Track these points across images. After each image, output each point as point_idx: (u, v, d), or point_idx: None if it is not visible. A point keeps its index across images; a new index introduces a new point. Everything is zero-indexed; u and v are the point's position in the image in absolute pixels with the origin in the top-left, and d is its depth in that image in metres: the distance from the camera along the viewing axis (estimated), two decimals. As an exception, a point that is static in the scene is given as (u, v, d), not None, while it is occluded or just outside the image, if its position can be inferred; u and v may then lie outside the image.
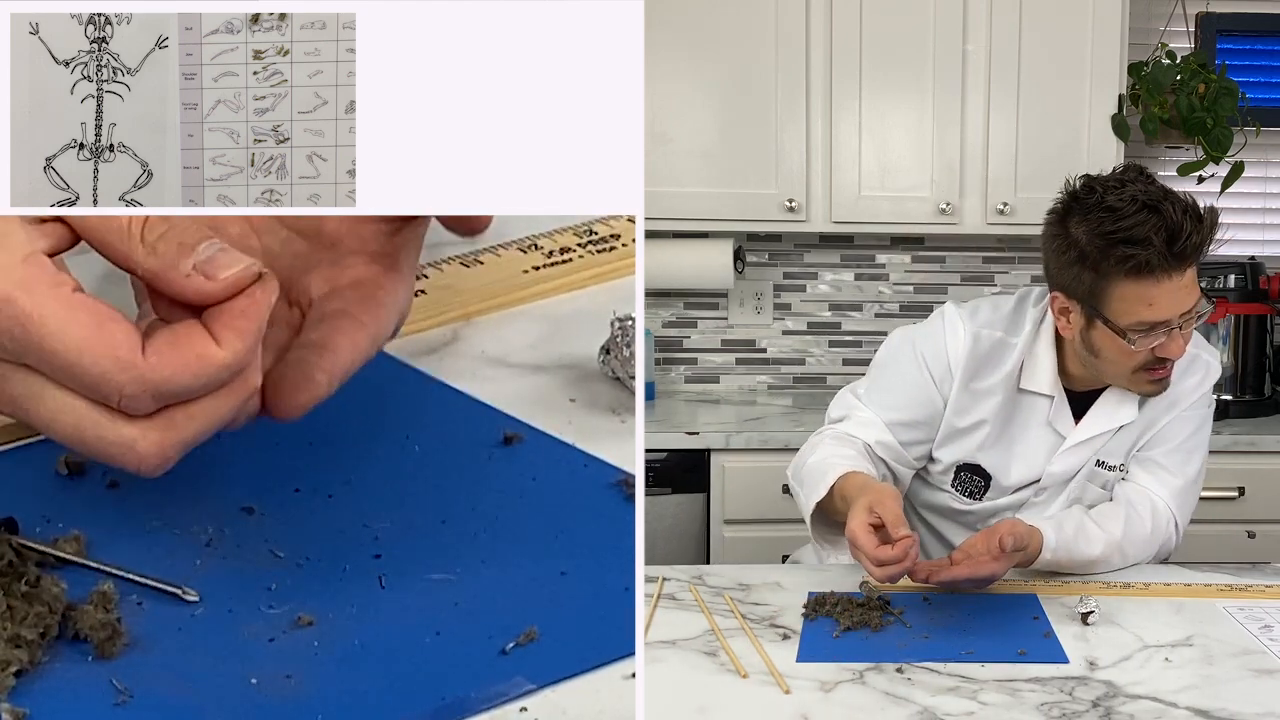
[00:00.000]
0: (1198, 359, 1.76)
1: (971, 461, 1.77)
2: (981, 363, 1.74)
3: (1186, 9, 3.13)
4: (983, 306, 1.79)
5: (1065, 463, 1.74)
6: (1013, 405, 1.74)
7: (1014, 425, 1.75)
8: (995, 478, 1.76)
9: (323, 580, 0.86)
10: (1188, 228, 1.55)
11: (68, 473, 0.94)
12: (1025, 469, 1.75)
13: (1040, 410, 1.74)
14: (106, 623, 0.81)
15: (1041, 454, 1.75)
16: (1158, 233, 1.54)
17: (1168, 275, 1.57)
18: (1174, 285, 1.58)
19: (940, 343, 1.76)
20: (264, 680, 0.79)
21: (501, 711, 0.78)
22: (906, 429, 1.76)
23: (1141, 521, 1.69)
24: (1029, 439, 1.75)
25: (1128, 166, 1.64)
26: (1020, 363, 1.73)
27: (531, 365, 1.08)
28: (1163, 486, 1.73)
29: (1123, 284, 1.58)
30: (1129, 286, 1.58)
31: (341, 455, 0.96)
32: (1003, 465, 1.76)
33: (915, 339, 1.79)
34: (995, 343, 1.74)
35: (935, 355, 1.75)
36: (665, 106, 2.92)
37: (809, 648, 1.41)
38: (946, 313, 1.78)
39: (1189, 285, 1.59)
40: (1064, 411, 1.74)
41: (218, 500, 0.92)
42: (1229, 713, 1.24)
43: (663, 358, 3.31)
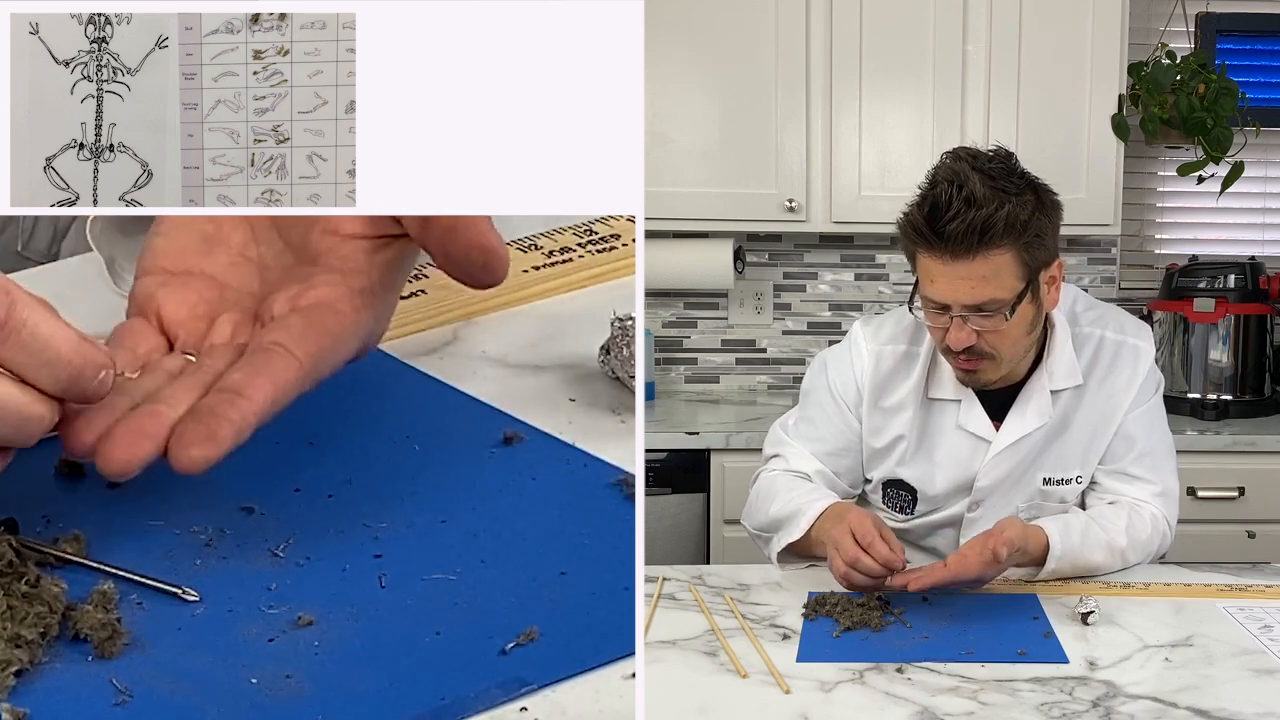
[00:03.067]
0: (1123, 346, 1.73)
1: (894, 477, 1.77)
2: (886, 380, 1.75)
3: (1186, 9, 3.13)
4: (887, 321, 1.80)
5: (995, 472, 1.72)
6: (925, 415, 1.74)
7: (930, 435, 1.74)
8: (920, 490, 1.76)
9: (323, 580, 0.86)
10: (953, 210, 1.54)
11: (68, 473, 0.94)
12: (949, 478, 1.74)
13: (951, 415, 1.73)
14: (106, 623, 0.81)
15: (964, 460, 1.73)
16: (923, 204, 1.57)
17: (939, 256, 1.57)
18: (950, 270, 1.57)
19: (847, 367, 1.78)
20: (264, 680, 0.79)
21: (501, 711, 0.78)
22: (834, 458, 1.79)
23: (1143, 524, 1.68)
24: (947, 446, 1.74)
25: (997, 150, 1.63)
26: (926, 372, 1.73)
27: (531, 365, 1.08)
28: (1145, 492, 1.71)
29: (918, 250, 1.61)
30: (920, 254, 1.61)
31: (341, 455, 0.96)
32: (926, 477, 1.75)
33: (827, 366, 1.82)
34: (899, 357, 1.75)
35: (844, 382, 1.78)
36: (665, 106, 2.92)
37: (809, 648, 1.41)
38: (853, 334, 1.81)
39: (974, 279, 1.57)
40: (975, 412, 1.72)
41: (218, 500, 0.92)
42: (1229, 713, 1.24)
43: (663, 358, 3.31)
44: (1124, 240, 3.25)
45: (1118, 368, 1.72)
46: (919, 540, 1.80)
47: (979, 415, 1.72)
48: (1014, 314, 1.59)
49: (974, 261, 1.56)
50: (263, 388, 0.86)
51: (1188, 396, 3.00)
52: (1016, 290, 1.58)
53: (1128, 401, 1.72)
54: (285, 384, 0.87)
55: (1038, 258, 1.60)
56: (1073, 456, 1.73)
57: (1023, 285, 1.59)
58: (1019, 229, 1.56)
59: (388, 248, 0.95)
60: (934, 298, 1.61)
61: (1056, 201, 1.64)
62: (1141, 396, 1.73)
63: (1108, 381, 1.72)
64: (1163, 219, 3.34)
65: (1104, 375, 1.72)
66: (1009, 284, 1.58)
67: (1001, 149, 1.63)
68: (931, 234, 1.56)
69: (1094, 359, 1.72)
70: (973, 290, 1.58)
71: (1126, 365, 1.72)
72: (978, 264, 1.56)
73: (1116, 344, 1.73)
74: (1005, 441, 1.71)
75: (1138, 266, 3.31)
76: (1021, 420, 1.71)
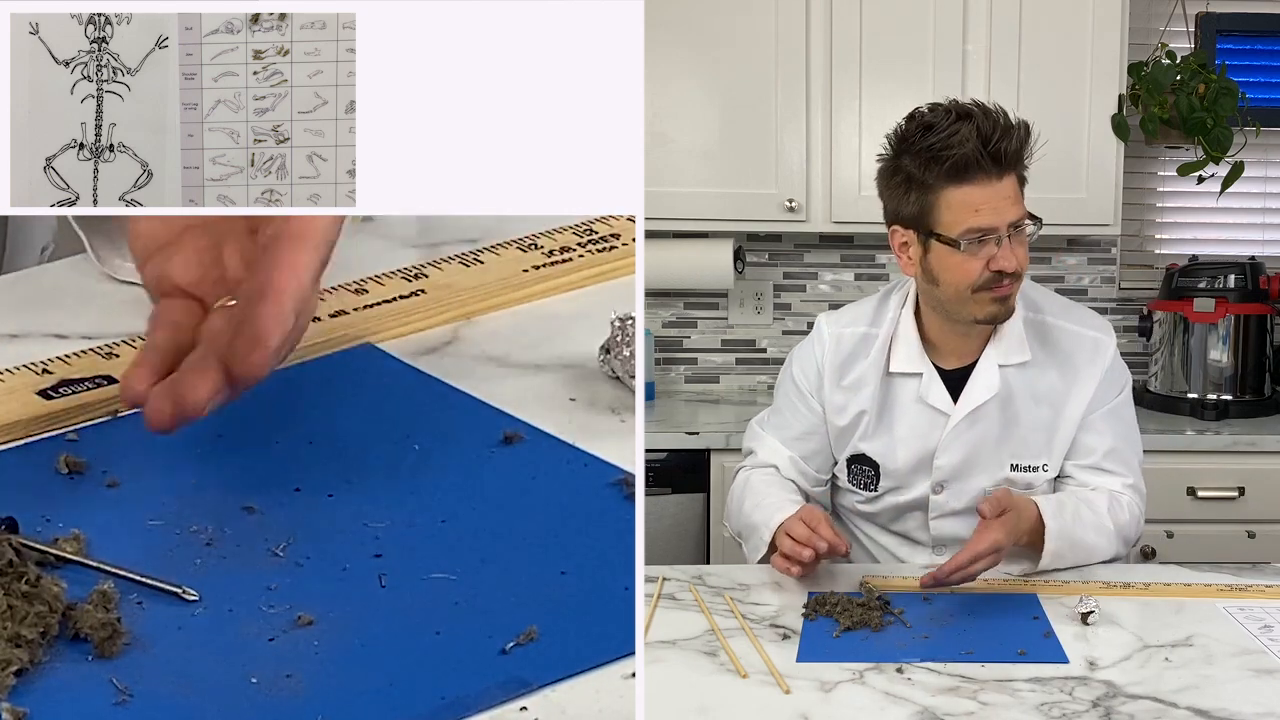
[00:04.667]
0: (1081, 337, 1.76)
1: (857, 452, 1.80)
2: (846, 359, 1.80)
3: (1186, 9, 3.12)
4: (849, 308, 1.87)
5: (954, 447, 1.74)
6: (886, 390, 1.77)
7: (892, 409, 1.78)
8: (882, 464, 1.78)
9: (323, 580, 0.86)
10: (999, 132, 1.63)
11: (68, 472, 0.94)
12: (910, 452, 1.76)
13: (911, 389, 1.76)
14: (106, 622, 0.81)
15: (924, 433, 1.76)
16: (971, 135, 1.62)
17: (987, 179, 1.63)
18: (995, 192, 1.64)
19: (809, 354, 1.84)
20: (264, 680, 0.79)
21: (501, 711, 0.78)
22: (800, 443, 1.84)
23: (1121, 510, 1.71)
24: (908, 420, 1.77)
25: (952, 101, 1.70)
26: (887, 348, 1.77)
27: (531, 365, 1.08)
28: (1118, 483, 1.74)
29: (948, 192, 1.64)
30: (954, 193, 1.64)
31: (341, 455, 0.96)
32: (887, 450, 1.78)
33: (793, 357, 1.89)
34: (859, 338, 1.80)
35: (806, 369, 1.84)
36: (665, 106, 2.92)
37: (809, 648, 1.41)
38: (817, 322, 1.87)
39: (1012, 196, 1.65)
40: (935, 386, 1.75)
41: (218, 500, 0.92)
42: (1229, 713, 1.24)
43: (663, 358, 3.31)
44: (1124, 240, 3.25)
45: (1077, 354, 1.75)
46: (888, 524, 1.83)
47: (939, 388, 1.75)
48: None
49: (1004, 180, 1.64)
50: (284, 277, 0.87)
51: (1188, 396, 2.99)
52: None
53: (1089, 394, 1.74)
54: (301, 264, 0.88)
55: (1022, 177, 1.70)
56: (1036, 441, 1.74)
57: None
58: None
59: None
60: (982, 224, 1.64)
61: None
62: (1105, 395, 1.75)
63: (1067, 370, 1.74)
64: (1163, 219, 3.33)
65: (1060, 357, 1.75)
66: (1022, 198, 1.67)
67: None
68: (986, 157, 1.62)
69: (1047, 341, 1.76)
70: (1013, 207, 1.65)
71: (1085, 352, 1.76)
72: (1006, 183, 1.65)
73: (1076, 334, 1.77)
74: (962, 412, 1.74)
75: (1138, 266, 3.31)
76: (973, 391, 1.75)
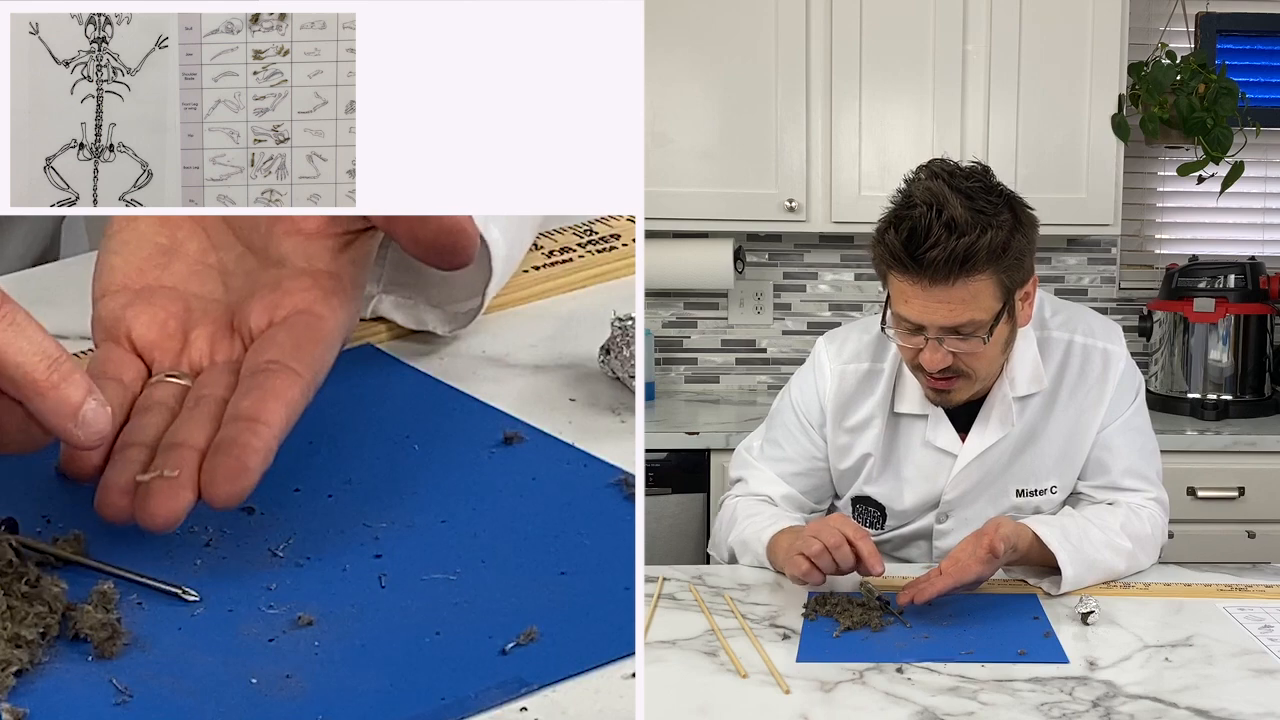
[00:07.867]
0: (1093, 350, 1.70)
1: (861, 494, 1.75)
2: (849, 399, 1.72)
3: (1186, 9, 3.13)
4: (850, 337, 1.77)
5: (962, 484, 1.70)
6: (893, 431, 1.71)
7: (897, 451, 1.72)
8: (888, 506, 1.74)
9: (323, 580, 0.86)
10: (934, 237, 1.48)
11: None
12: (917, 494, 1.72)
13: (918, 430, 1.71)
14: (106, 623, 0.81)
15: (931, 475, 1.71)
16: (899, 227, 1.51)
17: (916, 279, 1.52)
18: (927, 294, 1.52)
19: (811, 386, 1.75)
20: (264, 680, 0.79)
21: (501, 711, 0.78)
22: (801, 478, 1.77)
23: (1141, 522, 1.66)
24: (915, 462, 1.72)
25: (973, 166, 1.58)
26: (891, 387, 1.71)
27: (531, 365, 1.08)
28: (1139, 498, 1.69)
29: (890, 270, 1.56)
30: (893, 275, 1.55)
31: (341, 455, 0.96)
32: (894, 494, 1.73)
33: (793, 385, 1.79)
34: (863, 375, 1.72)
35: (808, 402, 1.75)
36: (665, 106, 2.92)
37: (809, 648, 1.41)
38: (816, 351, 1.77)
39: (952, 303, 1.52)
40: (943, 427, 1.69)
41: (218, 500, 0.92)
42: (1229, 713, 1.24)
43: (663, 358, 3.31)
44: (1124, 240, 3.25)
45: (1088, 373, 1.69)
46: (892, 552, 1.79)
47: (946, 429, 1.70)
48: (991, 335, 1.56)
49: (953, 287, 1.52)
50: (276, 410, 0.87)
51: (1188, 396, 3.00)
52: (994, 311, 1.55)
53: (1102, 411, 1.69)
54: (294, 401, 0.88)
55: (1015, 279, 1.57)
56: (1045, 467, 1.70)
57: (1000, 305, 1.56)
58: (999, 254, 1.52)
59: (353, 244, 0.95)
60: (910, 318, 1.56)
61: (1033, 217, 1.60)
62: (1118, 408, 1.70)
63: (1079, 390, 1.69)
64: (1163, 219, 3.34)
65: (1075, 383, 1.69)
66: (987, 305, 1.54)
67: (978, 164, 1.59)
68: (910, 260, 1.51)
69: (1063, 364, 1.69)
70: (950, 313, 1.54)
71: (1095, 370, 1.70)
72: (956, 289, 1.52)
73: (1086, 348, 1.70)
74: (971, 454, 1.69)
75: (1138, 266, 3.31)
76: (985, 431, 1.69)
